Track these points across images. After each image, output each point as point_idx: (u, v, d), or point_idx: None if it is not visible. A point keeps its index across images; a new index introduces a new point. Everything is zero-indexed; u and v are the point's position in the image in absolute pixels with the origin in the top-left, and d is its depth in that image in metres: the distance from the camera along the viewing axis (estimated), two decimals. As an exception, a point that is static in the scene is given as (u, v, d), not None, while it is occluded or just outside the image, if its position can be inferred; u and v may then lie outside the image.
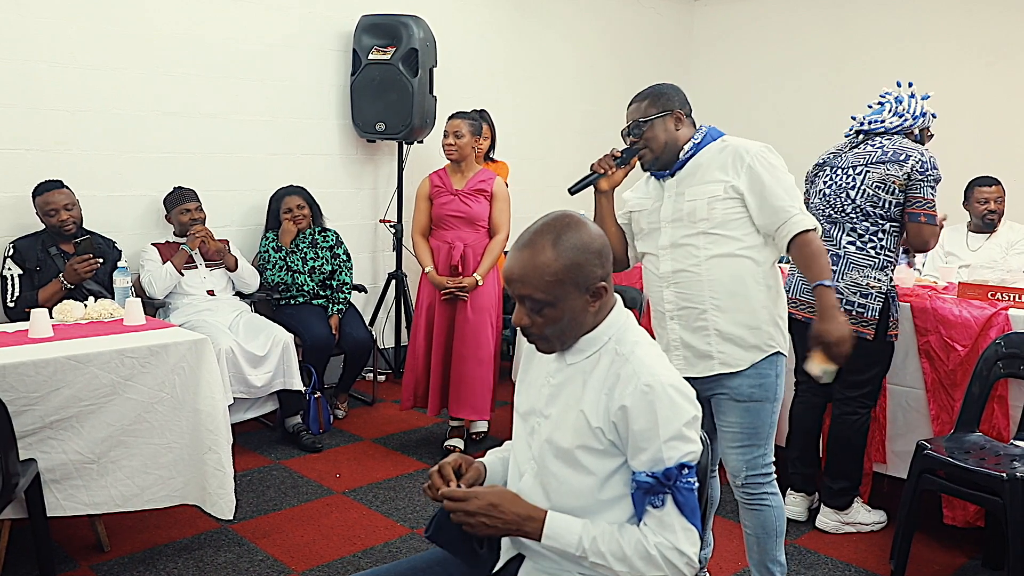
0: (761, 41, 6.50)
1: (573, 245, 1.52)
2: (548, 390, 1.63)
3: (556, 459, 1.58)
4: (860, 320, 2.96)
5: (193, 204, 4.04)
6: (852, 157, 3.07)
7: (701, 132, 2.36)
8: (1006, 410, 2.96)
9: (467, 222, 3.84)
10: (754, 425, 2.34)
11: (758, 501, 2.39)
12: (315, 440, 4.01)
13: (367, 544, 3.06)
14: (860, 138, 3.12)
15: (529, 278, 1.51)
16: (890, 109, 3.08)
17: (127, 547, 2.98)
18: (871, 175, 2.97)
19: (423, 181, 3.94)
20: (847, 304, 2.97)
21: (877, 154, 3.00)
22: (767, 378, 2.31)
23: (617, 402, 1.51)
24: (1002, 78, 5.44)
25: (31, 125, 3.81)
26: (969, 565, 2.99)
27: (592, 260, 1.54)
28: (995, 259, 4.18)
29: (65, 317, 3.14)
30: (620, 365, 1.55)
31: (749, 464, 2.36)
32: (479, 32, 5.53)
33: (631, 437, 1.49)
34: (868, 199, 2.96)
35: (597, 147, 6.29)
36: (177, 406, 2.90)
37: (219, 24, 4.36)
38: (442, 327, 3.87)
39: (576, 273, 1.52)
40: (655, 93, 2.38)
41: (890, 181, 2.93)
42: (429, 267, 3.84)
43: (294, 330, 4.08)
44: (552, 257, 1.50)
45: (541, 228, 1.55)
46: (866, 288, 2.96)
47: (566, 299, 1.52)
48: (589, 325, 1.59)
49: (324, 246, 4.44)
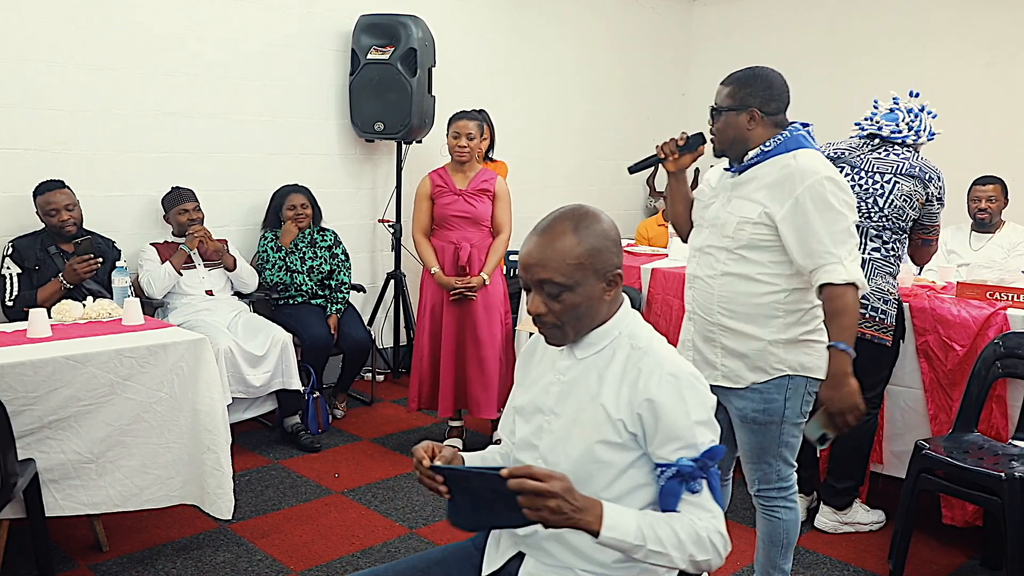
0: (760, 41, 6.50)
1: (594, 231, 1.54)
2: (558, 388, 1.62)
3: (570, 456, 1.56)
4: (882, 327, 2.96)
5: (191, 204, 4.04)
6: (877, 163, 3.03)
7: (778, 139, 2.19)
8: (1004, 410, 2.96)
9: (471, 222, 3.84)
10: (761, 445, 2.31)
11: (769, 512, 2.39)
12: (314, 440, 4.00)
13: (366, 544, 3.06)
14: (876, 142, 3.09)
15: (550, 261, 1.52)
16: (904, 121, 3.07)
17: (126, 547, 2.98)
18: (900, 187, 2.97)
19: (423, 180, 3.92)
20: (872, 310, 2.95)
21: (904, 167, 2.99)
22: (773, 402, 2.24)
23: (642, 395, 1.51)
24: (1002, 77, 5.43)
25: (30, 125, 3.81)
26: (968, 565, 2.99)
27: (611, 247, 1.56)
28: (996, 259, 4.17)
29: (64, 317, 3.14)
30: (639, 358, 1.55)
31: (761, 478, 2.36)
32: (478, 32, 5.53)
33: (661, 428, 1.50)
34: (895, 210, 2.97)
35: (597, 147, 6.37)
36: (176, 406, 2.90)
37: (218, 24, 4.36)
38: (451, 328, 3.85)
39: (596, 258, 1.53)
40: (741, 80, 2.22)
41: (915, 197, 2.97)
42: (436, 268, 3.82)
43: (293, 330, 4.08)
44: (575, 241, 1.52)
45: (560, 215, 1.56)
46: (887, 294, 2.97)
47: (585, 284, 1.53)
48: (602, 316, 1.59)
49: (323, 246, 4.44)
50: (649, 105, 6.69)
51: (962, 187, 4.39)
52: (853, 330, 2.09)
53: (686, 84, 7.00)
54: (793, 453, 2.34)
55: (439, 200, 3.85)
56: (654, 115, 6.70)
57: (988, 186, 4.25)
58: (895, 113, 3.09)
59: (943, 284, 3.47)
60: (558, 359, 1.65)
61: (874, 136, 3.11)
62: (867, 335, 2.93)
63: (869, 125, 3.11)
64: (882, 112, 3.12)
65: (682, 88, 6.99)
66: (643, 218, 6.49)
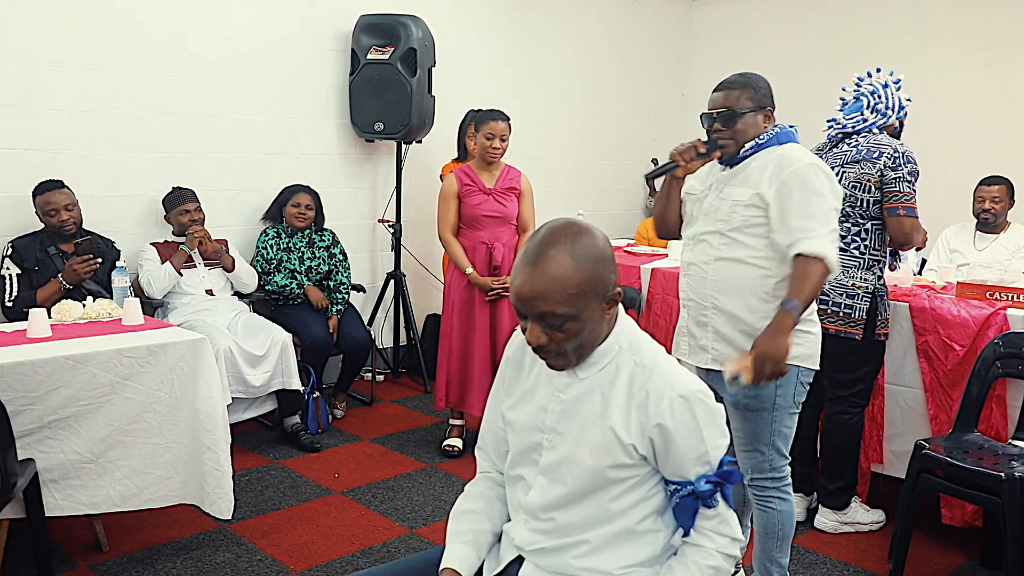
0: (760, 41, 6.50)
1: (589, 254, 1.46)
2: (559, 406, 1.58)
3: (575, 475, 1.55)
4: (848, 321, 2.96)
5: (192, 204, 4.04)
6: (830, 159, 3.05)
7: (770, 132, 2.31)
8: (1004, 410, 2.96)
9: (502, 221, 3.84)
10: (754, 432, 2.37)
11: (764, 503, 2.43)
12: (314, 440, 4.00)
13: (365, 544, 3.06)
14: (838, 138, 3.10)
15: (550, 293, 1.43)
16: (868, 105, 3.05)
17: (125, 547, 2.98)
18: (847, 175, 2.96)
19: (449, 179, 3.88)
20: (833, 305, 2.96)
21: (851, 153, 2.99)
22: (764, 389, 2.28)
23: (653, 419, 1.49)
24: (1001, 77, 5.43)
25: (30, 125, 3.81)
26: (967, 565, 2.99)
27: (608, 267, 1.50)
28: (1000, 260, 4.16)
29: (63, 317, 3.14)
30: (646, 378, 1.52)
31: (754, 467, 2.40)
32: (478, 32, 5.53)
33: (673, 452, 1.49)
34: (846, 200, 2.91)
35: (597, 147, 6.37)
36: (176, 406, 2.90)
37: (218, 24, 4.36)
38: (485, 327, 3.84)
39: (596, 283, 1.47)
40: (751, 84, 2.31)
41: (864, 179, 2.93)
42: (470, 268, 3.80)
43: (292, 330, 4.08)
44: (572, 268, 1.44)
45: (549, 239, 1.46)
46: (852, 288, 2.95)
47: (587, 310, 1.47)
48: (603, 334, 1.55)
49: (321, 246, 4.44)
50: (649, 105, 6.69)
51: (962, 186, 4.39)
52: (809, 297, 2.16)
53: (686, 84, 7.00)
54: (786, 444, 2.39)
55: (468, 199, 3.82)
56: (654, 115, 6.70)
57: (994, 187, 4.22)
58: (859, 101, 3.08)
59: (943, 284, 3.47)
60: (556, 376, 1.59)
61: (847, 135, 3.07)
62: (831, 330, 2.93)
63: (837, 127, 3.08)
64: (849, 103, 3.11)
65: (682, 88, 6.99)
66: (643, 218, 6.48)
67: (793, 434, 2.39)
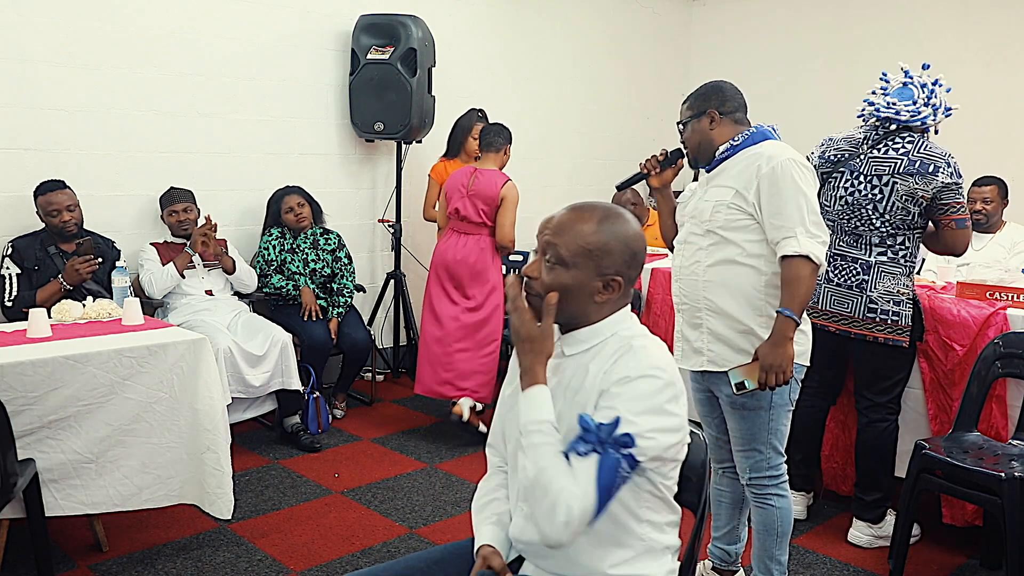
0: (760, 41, 6.50)
1: (614, 231, 1.56)
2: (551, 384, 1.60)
3: None
4: (896, 328, 2.90)
5: (180, 205, 4.01)
6: (875, 164, 2.89)
7: (745, 134, 2.35)
8: (1004, 410, 2.96)
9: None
10: (751, 431, 2.39)
11: (763, 500, 2.45)
12: (314, 440, 4.00)
13: (365, 544, 3.06)
14: (879, 132, 2.93)
15: (564, 232, 1.55)
16: (922, 99, 2.91)
17: (125, 547, 2.98)
18: (899, 188, 2.82)
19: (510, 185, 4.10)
20: (882, 313, 2.89)
21: (903, 163, 2.83)
22: None
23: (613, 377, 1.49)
24: (1000, 78, 5.43)
25: (29, 125, 3.81)
26: (967, 565, 2.99)
27: (622, 253, 1.56)
28: (997, 259, 4.16)
29: (63, 317, 3.14)
30: (624, 353, 1.53)
31: (752, 466, 2.43)
32: (478, 32, 5.53)
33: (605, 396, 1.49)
34: (897, 211, 2.84)
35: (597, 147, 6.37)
36: (175, 406, 2.90)
37: (218, 24, 4.36)
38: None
39: (602, 255, 1.54)
40: (695, 94, 2.42)
41: (919, 195, 2.80)
42: None
43: (292, 330, 4.08)
44: (592, 230, 1.55)
45: (597, 204, 1.61)
46: (898, 296, 2.90)
47: (582, 271, 1.54)
48: (589, 316, 1.57)
49: (326, 248, 4.43)
50: (649, 105, 6.69)
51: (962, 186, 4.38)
52: (804, 300, 2.20)
53: (686, 84, 6.98)
54: (782, 442, 2.41)
55: None
56: (654, 115, 6.70)
57: (985, 188, 4.20)
58: (909, 89, 2.92)
59: (943, 284, 3.46)
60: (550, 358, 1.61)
61: (890, 121, 2.92)
62: (879, 339, 2.90)
63: (886, 109, 2.91)
64: (894, 88, 2.95)
65: (682, 88, 6.96)
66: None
67: (788, 431, 2.42)
